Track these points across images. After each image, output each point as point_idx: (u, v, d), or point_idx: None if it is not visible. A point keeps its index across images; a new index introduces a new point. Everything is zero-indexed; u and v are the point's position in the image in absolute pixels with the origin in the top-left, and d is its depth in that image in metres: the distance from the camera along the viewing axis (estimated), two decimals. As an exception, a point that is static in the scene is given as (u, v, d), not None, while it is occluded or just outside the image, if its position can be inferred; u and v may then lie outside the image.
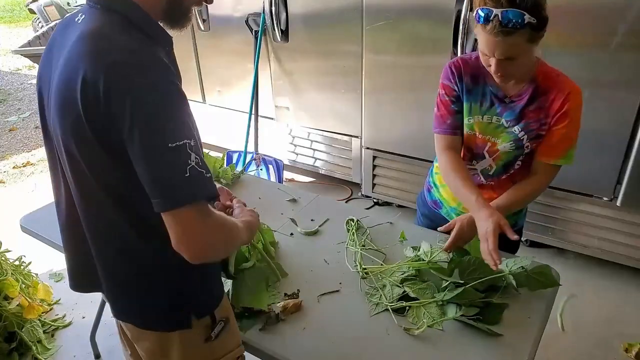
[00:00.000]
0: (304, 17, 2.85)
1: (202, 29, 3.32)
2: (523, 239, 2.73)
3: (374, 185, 3.11)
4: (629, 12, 1.96)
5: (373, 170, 3.06)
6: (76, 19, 0.96)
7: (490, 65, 1.31)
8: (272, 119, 3.38)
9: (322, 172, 3.40)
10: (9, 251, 2.44)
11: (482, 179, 1.55)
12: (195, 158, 0.85)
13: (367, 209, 3.09)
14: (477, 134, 1.48)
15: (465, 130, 1.49)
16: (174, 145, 0.83)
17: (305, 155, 3.41)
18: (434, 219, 1.70)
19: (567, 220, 2.50)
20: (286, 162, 3.45)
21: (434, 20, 2.42)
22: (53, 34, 1.03)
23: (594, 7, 2.03)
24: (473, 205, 1.38)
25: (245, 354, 1.32)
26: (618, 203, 2.28)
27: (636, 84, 2.06)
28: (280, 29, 2.92)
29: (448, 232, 1.48)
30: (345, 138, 3.12)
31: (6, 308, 2.21)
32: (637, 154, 2.13)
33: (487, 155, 1.49)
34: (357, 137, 3.04)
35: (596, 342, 2.18)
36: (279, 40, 2.96)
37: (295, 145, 3.42)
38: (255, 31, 3.03)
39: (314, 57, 2.96)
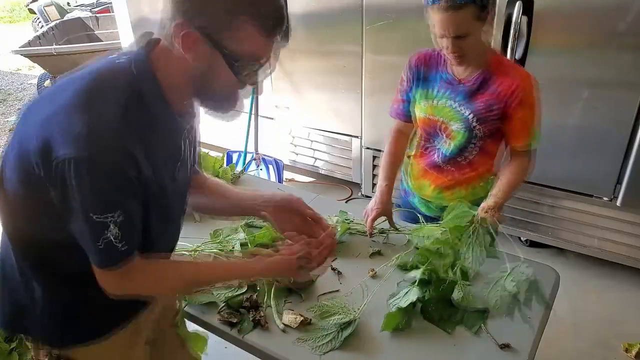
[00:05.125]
0: (304, 17, 2.85)
1: (202, 29, 3.31)
2: (523, 239, 2.73)
3: (374, 185, 3.11)
4: (629, 12, 1.96)
5: (373, 170, 3.06)
6: (116, 60, 0.98)
7: (446, 47, 1.42)
8: (272, 119, 3.38)
9: (322, 172, 3.40)
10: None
11: (440, 160, 1.64)
12: (116, 232, 0.92)
13: (367, 209, 3.09)
14: (431, 116, 1.58)
15: (421, 114, 1.60)
16: (95, 217, 0.90)
17: (305, 155, 3.41)
18: (405, 206, 1.82)
19: (567, 220, 2.49)
20: (286, 162, 3.45)
21: (434, 20, 2.42)
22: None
23: (593, 7, 2.03)
24: (378, 188, 1.66)
25: (246, 354, 1.32)
26: (618, 203, 2.28)
27: (636, 84, 2.06)
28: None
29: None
30: (345, 138, 3.11)
31: (6, 308, 2.21)
32: (637, 154, 2.13)
33: (442, 134, 1.60)
34: (357, 137, 3.04)
35: (596, 342, 2.18)
36: (279, 40, 2.95)
37: (295, 145, 3.42)
38: (255, 31, 3.02)
39: (314, 57, 2.96)
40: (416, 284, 1.33)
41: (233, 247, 1.56)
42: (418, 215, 1.73)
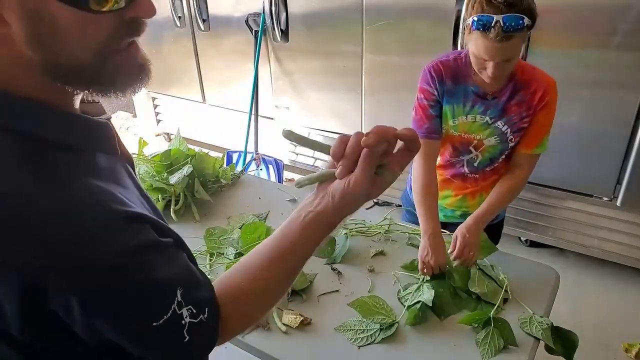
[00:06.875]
0: (304, 17, 2.85)
1: (202, 29, 3.31)
2: (523, 239, 2.73)
3: (374, 185, 3.11)
4: (629, 12, 1.96)
5: (373, 170, 3.06)
6: None
7: (484, 69, 1.31)
8: (272, 119, 3.38)
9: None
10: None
11: (467, 169, 1.57)
12: (188, 311, 0.65)
13: (367, 208, 3.09)
14: (463, 134, 1.50)
15: (451, 131, 1.50)
16: (160, 322, 0.63)
17: (305, 155, 3.41)
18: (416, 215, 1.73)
19: (567, 220, 2.49)
20: (286, 162, 3.45)
21: (434, 20, 2.42)
22: None
23: (593, 7, 2.03)
24: (425, 233, 1.44)
25: (245, 353, 1.33)
26: (618, 203, 2.28)
27: (636, 84, 2.06)
28: (280, 29, 2.92)
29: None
30: (345, 138, 3.11)
31: (6, 308, 2.20)
32: (637, 154, 2.13)
33: (473, 150, 1.53)
34: (357, 137, 3.04)
35: (596, 342, 2.18)
36: (279, 40, 2.96)
37: (295, 145, 3.42)
38: (255, 31, 3.02)
39: (314, 57, 2.96)
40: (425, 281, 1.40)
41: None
42: None
